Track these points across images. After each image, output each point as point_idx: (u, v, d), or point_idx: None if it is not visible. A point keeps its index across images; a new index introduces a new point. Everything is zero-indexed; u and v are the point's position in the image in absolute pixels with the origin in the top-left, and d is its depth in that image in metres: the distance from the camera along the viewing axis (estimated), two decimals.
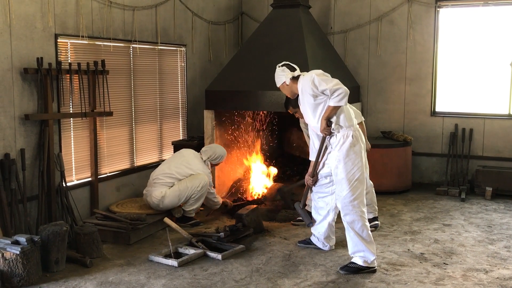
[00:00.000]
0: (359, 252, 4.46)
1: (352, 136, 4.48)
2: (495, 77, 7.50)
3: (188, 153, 6.02)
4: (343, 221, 4.53)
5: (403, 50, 7.86)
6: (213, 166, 6.19)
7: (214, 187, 6.00)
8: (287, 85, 4.71)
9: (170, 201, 5.64)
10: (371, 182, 5.52)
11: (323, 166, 4.79)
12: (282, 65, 4.74)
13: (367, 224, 4.52)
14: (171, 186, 5.70)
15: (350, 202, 4.44)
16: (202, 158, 5.99)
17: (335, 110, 4.43)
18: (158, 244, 5.23)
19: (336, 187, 4.57)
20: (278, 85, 4.80)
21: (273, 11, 7.16)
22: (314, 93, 4.46)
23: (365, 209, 4.53)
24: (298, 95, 4.75)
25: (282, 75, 4.70)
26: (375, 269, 4.47)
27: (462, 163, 7.54)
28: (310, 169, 4.89)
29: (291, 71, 4.69)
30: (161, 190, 5.64)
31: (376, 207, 5.70)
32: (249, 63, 6.64)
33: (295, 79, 4.68)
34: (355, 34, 8.10)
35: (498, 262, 4.72)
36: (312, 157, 4.85)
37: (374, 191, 5.64)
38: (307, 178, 4.91)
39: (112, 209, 5.81)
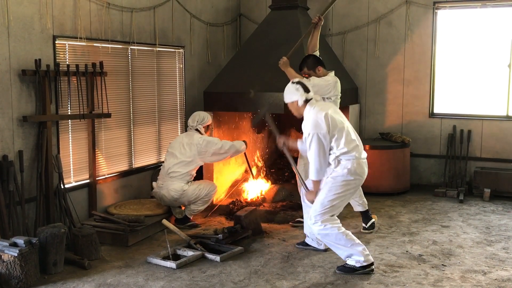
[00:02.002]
0: (348, 256, 4.48)
1: (349, 169, 4.43)
2: (493, 79, 7.50)
3: (179, 137, 6.05)
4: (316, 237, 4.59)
5: (401, 51, 7.87)
6: (206, 130, 6.12)
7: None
8: (297, 105, 4.56)
9: (188, 198, 5.78)
10: None
11: None
12: (297, 83, 4.59)
13: (342, 230, 4.46)
14: (188, 181, 5.80)
15: (317, 216, 4.45)
16: (191, 129, 6.00)
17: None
18: (156, 246, 5.23)
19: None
20: (287, 101, 4.64)
21: (271, 12, 7.16)
22: None
23: (335, 215, 4.52)
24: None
25: (295, 94, 4.54)
26: (373, 266, 4.47)
27: (460, 164, 7.55)
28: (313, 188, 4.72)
29: (305, 91, 4.53)
30: (181, 185, 5.73)
31: (364, 199, 5.61)
32: (247, 64, 6.64)
33: (306, 101, 4.54)
34: (353, 35, 8.10)
35: (497, 263, 4.72)
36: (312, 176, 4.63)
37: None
38: (310, 198, 4.71)
39: (110, 211, 5.80)
